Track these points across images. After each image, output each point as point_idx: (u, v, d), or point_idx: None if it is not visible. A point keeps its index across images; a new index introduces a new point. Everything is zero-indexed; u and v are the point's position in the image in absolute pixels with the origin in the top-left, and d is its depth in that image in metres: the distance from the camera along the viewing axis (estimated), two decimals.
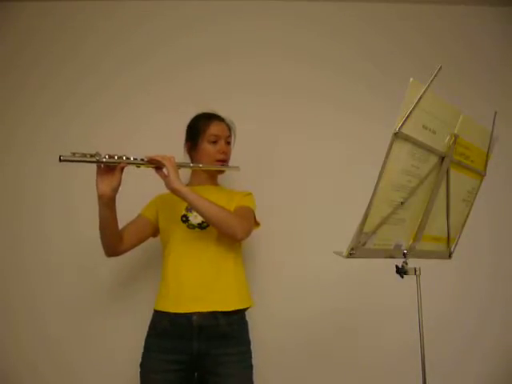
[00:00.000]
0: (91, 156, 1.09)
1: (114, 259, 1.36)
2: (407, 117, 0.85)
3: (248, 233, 1.32)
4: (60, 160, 1.04)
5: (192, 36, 1.89)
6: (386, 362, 1.66)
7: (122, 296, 1.71)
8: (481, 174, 1.16)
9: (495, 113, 1.10)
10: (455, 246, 1.19)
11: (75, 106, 1.83)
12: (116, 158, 1.13)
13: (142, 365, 1.29)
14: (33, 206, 1.77)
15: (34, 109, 1.83)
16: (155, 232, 1.43)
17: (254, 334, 1.36)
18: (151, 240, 1.45)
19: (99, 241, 1.26)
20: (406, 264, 1.02)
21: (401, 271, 1.01)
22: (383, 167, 0.87)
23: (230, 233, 1.27)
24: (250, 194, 1.45)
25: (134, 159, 1.16)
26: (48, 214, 1.76)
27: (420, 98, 0.86)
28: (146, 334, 1.32)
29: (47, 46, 1.88)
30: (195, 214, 1.32)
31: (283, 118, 1.83)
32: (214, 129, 1.41)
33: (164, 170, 1.20)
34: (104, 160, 1.11)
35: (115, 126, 1.80)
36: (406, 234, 1.02)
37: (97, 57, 1.87)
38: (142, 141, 1.70)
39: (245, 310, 1.35)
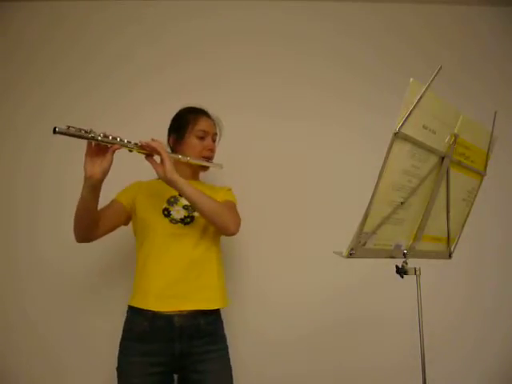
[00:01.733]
0: (86, 132, 1.05)
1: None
2: (407, 117, 0.85)
3: (239, 227, 1.30)
4: (54, 131, 0.99)
5: (179, 29, 1.89)
6: (386, 367, 1.66)
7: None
8: (481, 174, 1.16)
9: (495, 113, 1.10)
10: (455, 245, 1.19)
11: (65, 105, 1.83)
12: (110, 138, 1.09)
13: (119, 369, 1.24)
14: (25, 206, 1.77)
15: (24, 108, 1.84)
16: (127, 220, 1.37)
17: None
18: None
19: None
20: (406, 264, 1.02)
21: (401, 271, 1.02)
22: (383, 167, 0.87)
23: (224, 226, 1.26)
24: (231, 189, 1.45)
25: (128, 142, 1.12)
26: (41, 214, 1.76)
27: (420, 98, 0.86)
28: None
29: (38, 46, 1.88)
30: (177, 208, 1.31)
31: (281, 112, 1.82)
32: (203, 124, 1.39)
33: (155, 157, 1.17)
34: (99, 138, 1.06)
35: (106, 123, 1.75)
36: (405, 234, 1.02)
37: (86, 57, 1.88)
38: (133, 137, 1.69)
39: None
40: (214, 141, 1.43)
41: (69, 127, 1.01)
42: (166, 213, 1.31)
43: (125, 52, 1.87)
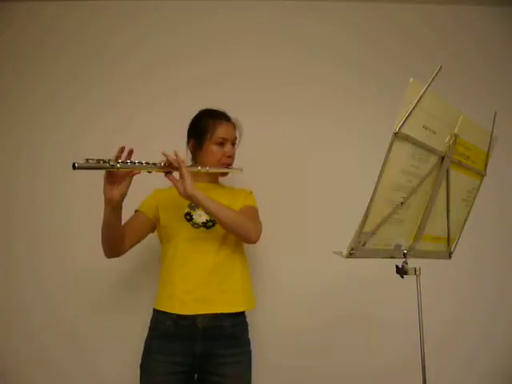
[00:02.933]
0: (104, 162, 1.05)
1: (104, 260, 1.30)
2: (407, 117, 0.85)
3: (260, 235, 1.31)
4: (74, 167, 0.99)
5: (183, 28, 1.89)
6: (387, 368, 1.66)
7: (121, 296, 1.71)
8: (481, 174, 1.16)
9: (495, 113, 1.10)
10: (455, 246, 1.19)
11: (66, 105, 1.83)
12: (129, 163, 1.10)
13: (142, 366, 1.27)
14: (26, 208, 1.77)
15: (25, 108, 1.83)
16: (154, 229, 1.39)
17: (254, 339, 1.35)
18: (148, 240, 1.41)
19: (96, 242, 1.22)
20: (406, 264, 1.02)
21: (401, 271, 1.02)
22: (383, 167, 0.87)
23: (246, 236, 1.27)
24: (252, 192, 1.45)
25: (147, 163, 1.13)
26: (42, 215, 1.76)
27: (420, 98, 0.86)
28: (145, 334, 1.31)
29: (38, 46, 1.88)
30: (199, 212, 1.32)
31: (281, 112, 1.82)
32: (222, 131, 1.37)
33: (174, 173, 1.18)
34: (118, 166, 1.07)
35: (106, 123, 1.79)
36: (406, 234, 1.02)
37: (86, 56, 1.87)
38: (134, 138, 1.65)
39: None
40: (233, 144, 1.42)
41: (87, 160, 1.02)
42: (188, 217, 1.33)
43: (125, 52, 1.87)
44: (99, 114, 1.82)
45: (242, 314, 1.32)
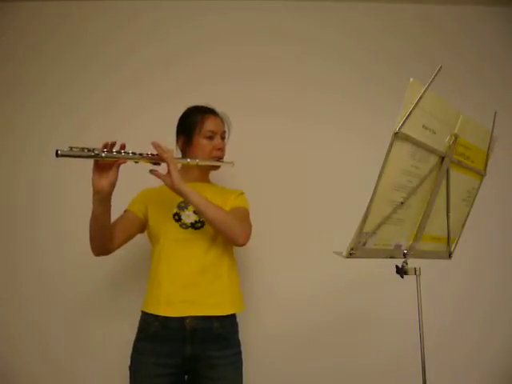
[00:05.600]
0: (89, 151, 1.04)
1: (102, 259, 1.30)
2: (407, 117, 0.85)
3: (249, 237, 1.28)
4: (57, 155, 0.97)
5: (182, 28, 1.89)
6: (387, 368, 1.66)
7: (112, 296, 1.71)
8: (481, 174, 1.16)
9: (495, 113, 1.10)
10: (455, 245, 1.19)
11: (66, 104, 1.83)
12: (114, 152, 1.08)
13: (131, 368, 1.25)
14: (26, 209, 1.77)
15: (25, 108, 1.84)
16: (143, 228, 1.36)
17: (246, 343, 1.34)
18: (138, 238, 1.40)
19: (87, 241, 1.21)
20: (406, 264, 1.02)
21: (401, 271, 1.02)
22: (383, 167, 0.87)
23: (233, 237, 1.24)
24: (243, 193, 1.43)
25: (133, 154, 1.11)
26: (42, 216, 1.76)
27: (420, 98, 0.86)
28: (135, 334, 1.29)
29: (38, 46, 1.88)
30: (188, 212, 1.31)
31: (281, 112, 1.82)
32: (210, 124, 1.36)
33: (162, 165, 1.17)
34: (103, 155, 1.05)
35: (106, 124, 1.79)
36: (406, 234, 1.02)
37: (86, 56, 1.88)
38: (134, 137, 1.68)
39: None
40: (223, 138, 1.42)
41: (71, 148, 1.01)
42: (177, 217, 1.31)
43: (125, 52, 1.87)
44: (100, 114, 1.82)
45: (231, 315, 1.30)
